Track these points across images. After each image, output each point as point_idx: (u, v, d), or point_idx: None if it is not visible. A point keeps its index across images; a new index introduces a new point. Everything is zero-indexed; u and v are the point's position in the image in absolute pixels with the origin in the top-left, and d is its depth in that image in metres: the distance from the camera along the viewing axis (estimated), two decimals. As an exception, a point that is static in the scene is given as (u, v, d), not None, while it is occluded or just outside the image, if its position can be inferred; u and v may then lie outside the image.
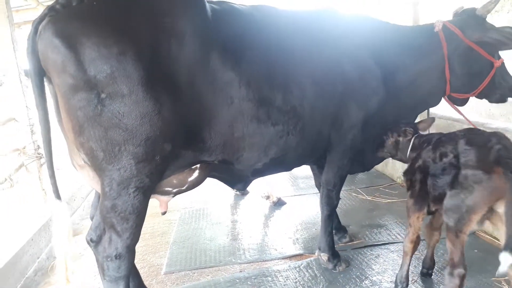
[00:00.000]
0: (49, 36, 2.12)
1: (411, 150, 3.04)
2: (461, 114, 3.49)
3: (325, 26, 3.11)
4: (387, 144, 3.23)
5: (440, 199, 2.64)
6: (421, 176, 2.78)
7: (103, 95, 2.14)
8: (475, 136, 2.60)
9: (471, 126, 3.29)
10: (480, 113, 5.53)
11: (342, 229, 3.99)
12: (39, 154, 4.50)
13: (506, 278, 2.84)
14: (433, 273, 3.22)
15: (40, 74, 2.26)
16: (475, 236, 3.82)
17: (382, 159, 3.56)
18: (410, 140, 3.07)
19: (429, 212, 2.89)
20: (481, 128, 3.04)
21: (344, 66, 3.05)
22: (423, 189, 2.78)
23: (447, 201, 2.55)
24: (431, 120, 3.23)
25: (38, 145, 4.53)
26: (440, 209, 2.81)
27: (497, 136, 2.52)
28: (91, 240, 2.67)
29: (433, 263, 3.20)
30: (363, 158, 3.50)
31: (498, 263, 2.32)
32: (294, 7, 3.43)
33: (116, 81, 2.14)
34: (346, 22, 3.30)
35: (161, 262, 3.78)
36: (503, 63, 3.36)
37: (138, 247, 4.00)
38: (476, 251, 3.55)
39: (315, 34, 3.01)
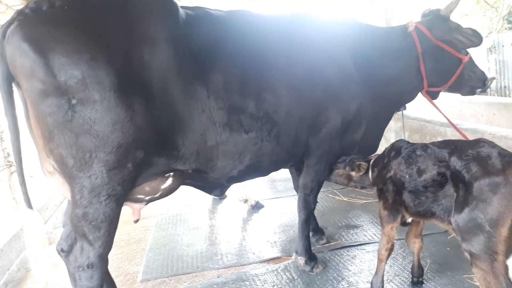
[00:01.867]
0: (17, 41, 2.08)
1: (372, 168, 3.03)
2: (438, 109, 3.65)
3: (305, 30, 3.12)
4: (335, 174, 3.27)
5: (425, 214, 2.63)
6: (394, 188, 2.74)
7: (74, 101, 2.11)
8: (464, 148, 2.43)
9: (441, 131, 3.37)
10: (452, 114, 5.69)
11: (319, 231, 4.02)
12: (9, 162, 4.36)
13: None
14: (423, 281, 3.12)
15: (8, 79, 2.21)
16: (447, 234, 3.91)
17: None
18: (367, 170, 3.05)
19: (404, 224, 2.89)
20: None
21: (327, 70, 3.06)
22: (396, 201, 2.75)
23: (461, 224, 2.30)
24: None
25: (8, 153, 4.39)
26: (420, 221, 2.86)
27: (484, 141, 2.44)
28: (61, 250, 2.60)
29: (421, 270, 3.12)
30: None
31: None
32: (273, 12, 3.43)
33: (87, 87, 2.11)
34: (326, 26, 3.34)
35: (137, 270, 3.72)
36: (470, 57, 3.57)
37: (114, 255, 3.96)
38: (448, 248, 3.64)
39: (294, 39, 3.02)
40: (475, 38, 3.34)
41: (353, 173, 3.13)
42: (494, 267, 2.20)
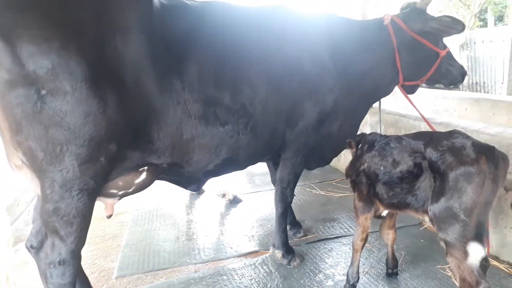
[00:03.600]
0: None
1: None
2: (412, 103, 3.63)
3: (281, 22, 3.09)
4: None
5: (399, 206, 2.66)
6: (368, 181, 2.78)
7: (43, 92, 2.01)
8: (439, 139, 2.47)
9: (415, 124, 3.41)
10: (426, 108, 5.79)
11: (297, 224, 4.04)
12: (-24, 156, 4.19)
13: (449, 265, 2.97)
14: (398, 272, 3.19)
15: None
16: (421, 226, 4.00)
17: (338, 154, 3.69)
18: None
19: (379, 217, 2.94)
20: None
21: (304, 63, 3.05)
22: (370, 192, 2.79)
23: (437, 214, 2.33)
24: None
25: (-25, 147, 4.22)
26: (394, 213, 2.92)
27: (458, 132, 2.47)
28: (31, 246, 2.51)
29: (396, 262, 3.19)
30: (323, 154, 3.57)
31: (443, 252, 2.41)
32: (250, 3, 3.39)
33: (58, 77, 2.02)
34: (302, 18, 3.31)
35: (113, 266, 3.64)
36: (449, 51, 3.55)
37: (88, 251, 3.87)
38: (422, 240, 3.72)
39: (271, 31, 2.99)
40: (457, 25, 3.31)
41: (349, 151, 3.13)
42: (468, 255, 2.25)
